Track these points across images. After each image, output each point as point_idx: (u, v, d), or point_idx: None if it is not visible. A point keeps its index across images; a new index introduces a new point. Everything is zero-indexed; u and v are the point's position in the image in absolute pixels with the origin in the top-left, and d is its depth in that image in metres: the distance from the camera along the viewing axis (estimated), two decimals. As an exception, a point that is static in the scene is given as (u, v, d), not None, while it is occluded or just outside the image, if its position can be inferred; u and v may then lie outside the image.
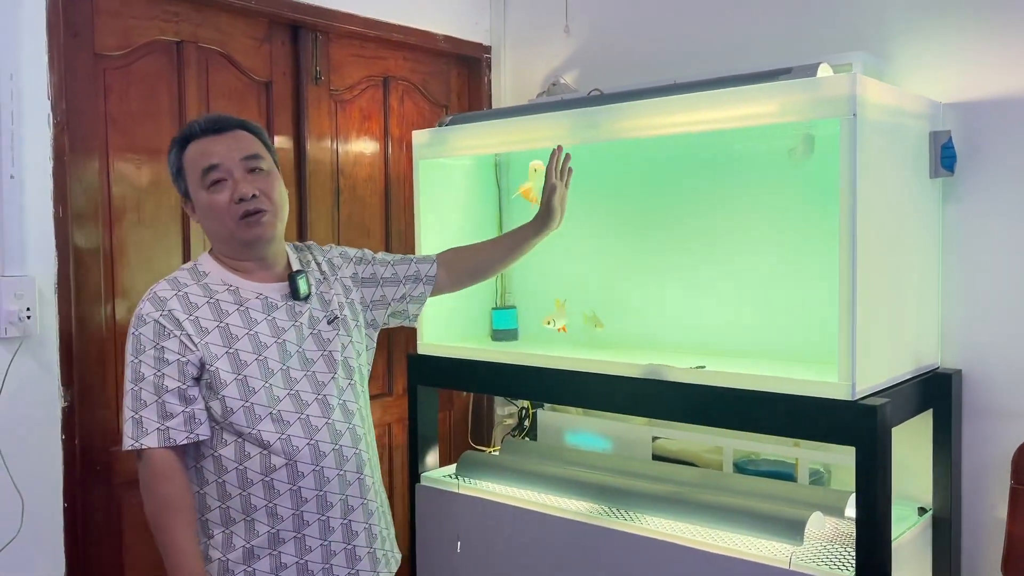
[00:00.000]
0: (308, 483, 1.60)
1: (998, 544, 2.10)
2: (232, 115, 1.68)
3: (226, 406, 1.57)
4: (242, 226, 1.60)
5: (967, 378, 2.18)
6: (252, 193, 1.59)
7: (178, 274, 1.65)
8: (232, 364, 1.57)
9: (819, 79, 1.83)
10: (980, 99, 2.13)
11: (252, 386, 1.58)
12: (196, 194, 1.62)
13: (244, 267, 1.66)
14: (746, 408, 1.94)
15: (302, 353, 1.66)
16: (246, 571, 1.60)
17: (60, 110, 2.07)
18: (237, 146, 1.61)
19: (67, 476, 2.10)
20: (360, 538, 1.68)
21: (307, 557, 1.61)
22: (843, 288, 1.79)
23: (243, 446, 1.58)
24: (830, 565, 1.86)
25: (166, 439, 1.54)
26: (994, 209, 2.13)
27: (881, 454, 1.76)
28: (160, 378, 1.54)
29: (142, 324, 1.56)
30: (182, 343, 1.55)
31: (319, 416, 1.63)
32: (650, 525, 2.12)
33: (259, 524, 1.59)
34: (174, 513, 1.55)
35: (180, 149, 1.64)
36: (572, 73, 2.89)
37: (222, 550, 1.60)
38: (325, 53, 2.68)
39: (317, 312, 1.70)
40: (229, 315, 1.60)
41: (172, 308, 1.57)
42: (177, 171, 1.65)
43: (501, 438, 2.95)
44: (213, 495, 1.61)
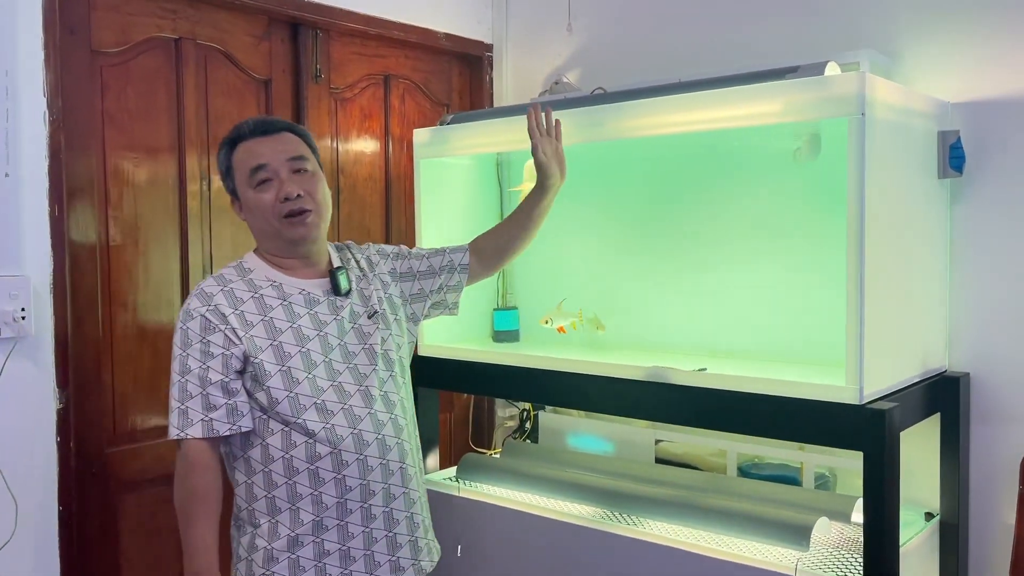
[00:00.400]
0: (352, 471, 1.65)
1: (1006, 550, 2.07)
2: (280, 118, 1.77)
3: (271, 396, 1.62)
4: (286, 225, 1.67)
5: (975, 381, 2.15)
6: (297, 193, 1.66)
7: (224, 271, 1.71)
8: (276, 356, 1.63)
9: (827, 78, 1.80)
10: (989, 99, 2.10)
11: (296, 377, 1.63)
12: (243, 193, 1.69)
13: (288, 264, 1.72)
14: (751, 412, 1.91)
15: (344, 346, 1.71)
16: (290, 558, 1.64)
17: (56, 107, 2.04)
18: (283, 147, 1.68)
19: (62, 479, 2.07)
20: (401, 526, 1.72)
21: (349, 544, 1.66)
22: (851, 290, 1.76)
23: (289, 435, 1.63)
24: (836, 571, 1.83)
25: (210, 430, 1.59)
26: (1003, 211, 2.10)
27: (889, 459, 1.73)
28: (205, 371, 1.60)
29: (189, 319, 1.63)
30: (227, 337, 1.61)
31: (362, 406, 1.68)
32: (653, 530, 2.09)
33: (304, 512, 1.64)
34: (200, 505, 1.60)
35: (229, 149, 1.71)
36: (574, 72, 2.86)
37: (268, 539, 1.64)
38: (325, 51, 2.66)
39: (357, 307, 1.75)
40: (273, 309, 1.66)
41: (218, 303, 1.63)
42: (226, 170, 1.72)
43: (502, 440, 2.92)
44: (260, 485, 1.65)
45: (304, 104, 2.61)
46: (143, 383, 2.28)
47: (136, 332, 2.27)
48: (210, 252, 2.40)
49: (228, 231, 2.44)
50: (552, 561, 2.21)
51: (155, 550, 2.31)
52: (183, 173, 2.34)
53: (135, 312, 2.26)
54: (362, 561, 1.68)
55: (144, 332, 2.28)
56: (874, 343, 1.79)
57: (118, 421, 2.23)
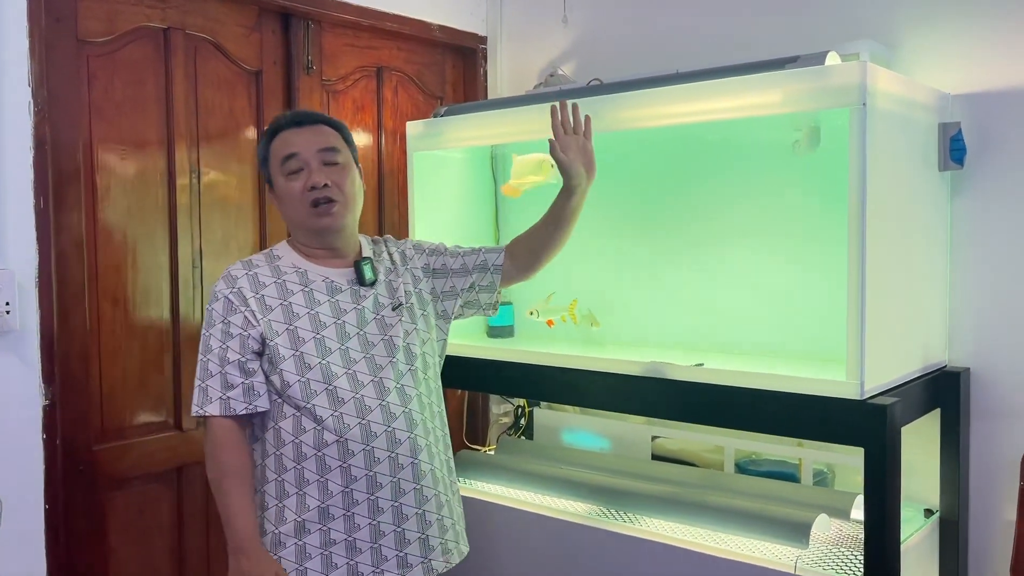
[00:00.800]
0: (358, 461, 1.65)
1: (1007, 547, 2.04)
2: (318, 112, 1.81)
3: (284, 379, 1.64)
4: (313, 214, 1.70)
5: (975, 376, 2.13)
6: (324, 183, 1.68)
7: (253, 256, 1.76)
8: (290, 340, 1.66)
9: (828, 68, 1.77)
10: (990, 90, 2.08)
11: (308, 362, 1.65)
12: (276, 180, 1.73)
13: (316, 254, 1.75)
14: (751, 408, 1.89)
15: (363, 336, 1.71)
16: (296, 544, 1.64)
17: (41, 98, 2.00)
18: (316, 139, 1.72)
19: (48, 476, 2.03)
20: (410, 522, 1.69)
21: (355, 535, 1.65)
22: (852, 284, 1.73)
23: (300, 420, 1.65)
24: (836, 569, 1.81)
25: (227, 408, 1.63)
26: (1004, 203, 2.08)
27: (891, 455, 1.71)
28: (224, 351, 1.65)
29: (215, 300, 1.69)
30: (246, 318, 1.65)
31: (373, 397, 1.67)
32: (652, 527, 2.06)
33: (310, 498, 1.65)
34: (233, 479, 1.64)
35: (268, 140, 1.75)
36: (570, 64, 2.82)
37: (275, 523, 1.66)
38: (317, 42, 2.62)
39: (383, 298, 1.76)
40: (293, 295, 1.69)
41: (241, 286, 1.68)
42: (263, 159, 1.76)
43: (496, 437, 2.89)
44: (271, 467, 1.68)
45: (296, 96, 2.57)
46: (131, 379, 2.24)
47: (124, 327, 2.22)
48: (200, 246, 2.36)
49: (218, 225, 2.40)
50: (550, 559, 2.19)
51: (143, 548, 2.27)
52: (172, 166, 2.30)
53: (123, 307, 2.22)
54: (368, 553, 1.66)
55: (132, 327, 2.24)
56: (875, 337, 1.76)
57: (105, 418, 2.19)
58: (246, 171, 2.47)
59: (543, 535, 2.20)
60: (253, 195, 2.49)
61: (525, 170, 2.33)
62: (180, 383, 2.33)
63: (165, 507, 2.32)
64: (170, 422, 2.33)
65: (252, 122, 2.49)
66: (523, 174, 2.34)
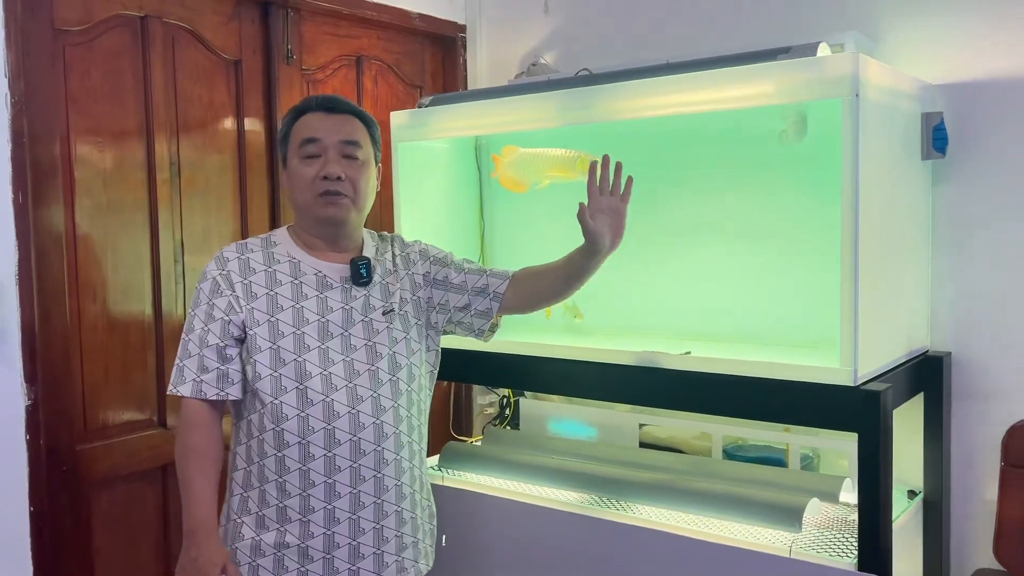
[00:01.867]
0: (317, 466, 1.60)
1: (989, 526, 2.10)
2: (352, 102, 1.72)
3: (256, 372, 1.61)
4: (319, 202, 1.64)
5: (956, 360, 2.18)
6: (338, 175, 1.64)
7: (250, 240, 1.71)
8: (270, 332, 1.61)
9: (820, 59, 1.78)
10: (971, 80, 2.12)
11: (283, 358, 1.61)
12: (290, 161, 1.68)
13: (314, 244, 1.70)
14: (744, 395, 1.91)
15: (346, 337, 1.66)
16: (254, 540, 1.63)
17: (19, 89, 1.94)
18: (342, 129, 1.66)
19: (33, 478, 1.98)
20: (367, 536, 1.65)
21: (309, 542, 1.62)
22: (845, 272, 1.76)
23: (263, 417, 1.61)
24: (830, 552, 1.84)
25: (198, 391, 1.60)
26: (984, 191, 2.12)
27: (884, 440, 1.74)
28: (205, 333, 1.61)
29: (203, 280, 1.65)
30: (230, 303, 1.61)
31: (343, 404, 1.62)
32: (644, 515, 2.08)
33: (269, 495, 1.62)
34: (196, 461, 1.59)
35: (293, 119, 1.69)
36: (552, 53, 2.82)
37: (238, 512, 1.65)
38: (297, 31, 2.57)
39: (374, 300, 1.70)
40: (281, 285, 1.64)
41: (231, 269, 1.64)
42: (283, 136, 1.71)
43: (482, 428, 2.89)
44: (242, 456, 1.66)
45: (275, 85, 2.52)
46: (114, 377, 2.19)
47: (105, 324, 2.18)
48: (181, 240, 2.32)
49: (199, 218, 2.36)
50: (542, 548, 2.19)
51: (128, 548, 2.23)
52: (152, 158, 2.25)
53: (104, 303, 2.17)
54: (320, 563, 1.62)
55: (114, 323, 2.19)
56: (866, 324, 1.79)
57: (88, 417, 2.14)
58: (226, 162, 2.43)
59: (534, 524, 2.21)
60: (234, 187, 2.45)
61: (551, 165, 2.22)
62: (163, 380, 2.29)
63: (150, 506, 2.28)
64: (154, 420, 2.29)
65: (232, 112, 2.45)
66: (545, 169, 2.24)
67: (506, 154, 2.35)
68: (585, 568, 2.12)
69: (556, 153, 2.26)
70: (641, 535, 2.03)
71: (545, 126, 2.21)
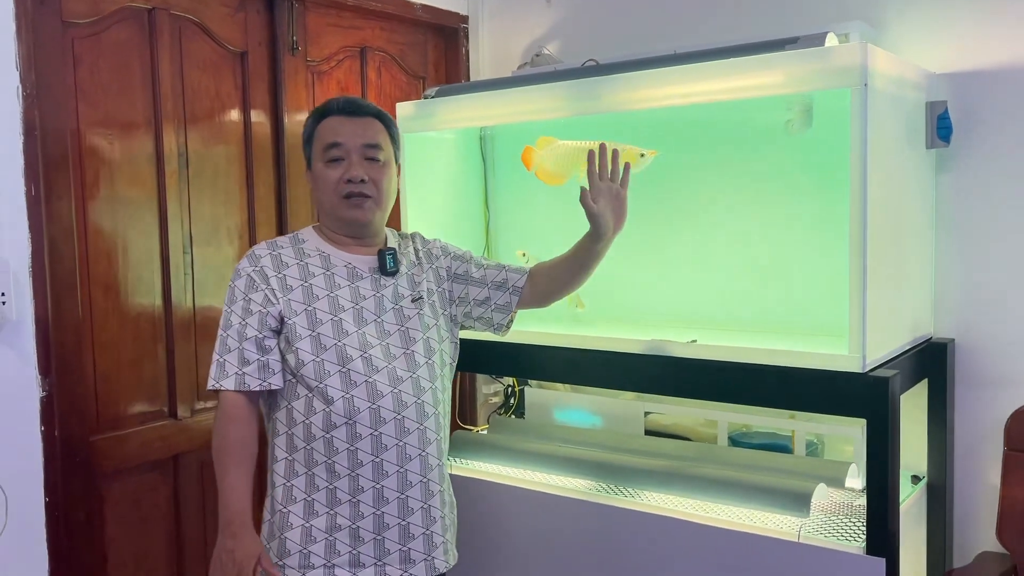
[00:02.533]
0: (364, 446, 1.65)
1: (991, 510, 2.13)
2: (373, 104, 1.77)
3: (299, 358, 1.65)
4: (344, 204, 1.71)
5: (960, 347, 2.21)
6: (361, 178, 1.70)
7: (278, 238, 1.78)
8: (308, 320, 1.66)
9: (829, 48, 1.80)
10: (974, 69, 2.14)
11: (324, 343, 1.65)
12: (315, 164, 1.74)
13: (341, 240, 1.76)
14: (752, 382, 1.93)
15: (380, 323, 1.71)
16: (304, 527, 1.65)
17: (30, 82, 1.94)
18: (363, 132, 1.72)
19: (48, 468, 2.00)
20: (416, 516, 1.69)
21: (359, 523, 1.66)
22: (853, 259, 1.78)
23: (311, 400, 1.65)
24: (838, 536, 1.87)
25: (241, 383, 1.64)
26: (987, 180, 2.15)
27: (892, 426, 1.77)
28: (243, 327, 1.66)
29: (238, 277, 1.70)
30: (266, 296, 1.67)
31: (386, 384, 1.67)
32: (652, 501, 2.10)
33: (319, 479, 1.66)
34: (235, 455, 1.63)
35: (316, 121, 1.75)
36: (555, 43, 2.83)
37: (283, 502, 1.68)
38: (302, 22, 2.58)
39: (403, 289, 1.76)
40: (314, 276, 1.70)
41: (264, 265, 1.70)
42: (307, 139, 1.76)
43: (487, 417, 2.91)
44: (282, 447, 1.69)
45: (281, 77, 2.53)
46: (126, 367, 2.21)
47: (116, 315, 2.19)
48: (190, 231, 2.33)
49: (207, 209, 2.37)
50: (548, 535, 2.22)
51: (142, 538, 2.25)
52: (160, 150, 2.26)
53: (115, 295, 2.18)
54: (372, 544, 1.66)
55: (125, 315, 2.20)
56: (873, 311, 1.81)
57: (101, 408, 2.16)
58: (233, 154, 2.44)
59: (541, 511, 2.23)
60: (241, 179, 2.46)
61: (543, 146, 2.21)
62: (174, 372, 2.30)
63: (162, 496, 2.30)
64: (165, 411, 2.30)
65: (238, 104, 2.45)
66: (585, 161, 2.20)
67: (542, 146, 2.25)
68: (592, 554, 2.15)
69: (597, 145, 2.20)
70: (648, 521, 2.06)
71: (552, 116, 2.23)
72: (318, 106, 1.78)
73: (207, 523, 2.38)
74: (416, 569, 1.69)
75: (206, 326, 2.36)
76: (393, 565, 1.67)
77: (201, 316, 2.36)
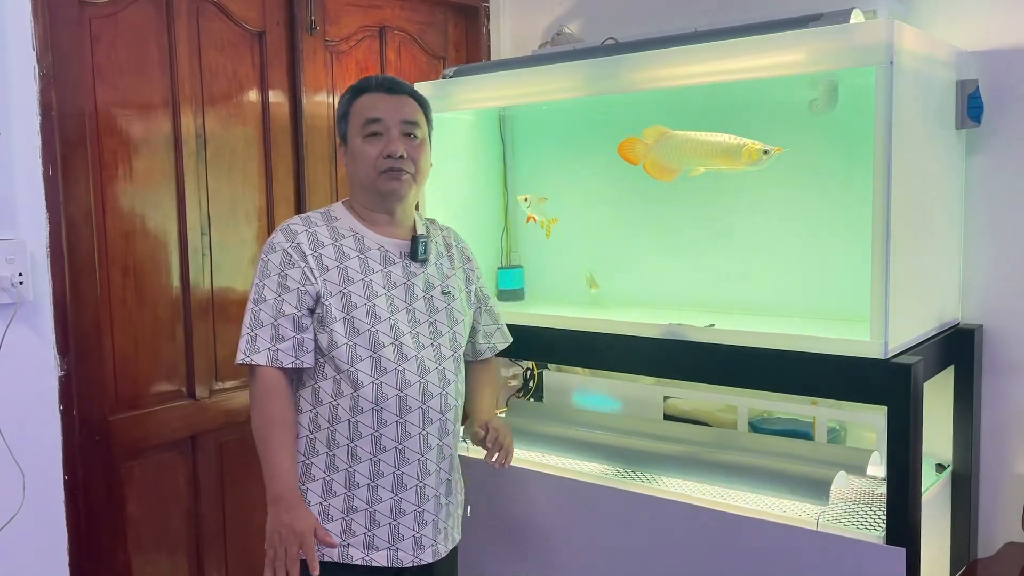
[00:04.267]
0: (389, 432, 1.66)
1: (1018, 500, 2.09)
2: (407, 83, 1.79)
3: (332, 340, 1.65)
4: (382, 178, 1.71)
5: (988, 334, 2.15)
6: (400, 153, 1.70)
7: (311, 214, 1.76)
8: (343, 303, 1.66)
9: (854, 25, 1.75)
10: (1007, 47, 2.07)
11: (357, 327, 1.66)
12: (352, 140, 1.73)
13: (374, 219, 1.75)
14: (773, 368, 1.90)
15: (411, 311, 1.72)
16: (321, 505, 1.66)
17: (47, 62, 1.94)
18: (401, 109, 1.73)
19: (66, 448, 2.01)
20: (430, 504, 1.72)
21: (376, 507, 1.67)
22: (876, 245, 1.73)
23: (339, 383, 1.66)
24: (857, 525, 1.83)
25: (274, 359, 1.64)
26: (1020, 162, 2.08)
27: (915, 413, 1.73)
28: (280, 303, 1.65)
29: (272, 251, 1.68)
30: (304, 274, 1.66)
31: (414, 373, 1.68)
32: (670, 487, 2.08)
33: (339, 460, 1.66)
34: (278, 428, 1.64)
35: (352, 98, 1.75)
36: (576, 22, 2.78)
37: (302, 478, 1.68)
38: (320, 2, 2.56)
39: (433, 279, 1.78)
40: (350, 259, 1.70)
41: (300, 241, 1.68)
42: (343, 115, 1.76)
43: (506, 399, 2.90)
44: (304, 424, 1.69)
45: (299, 57, 2.51)
46: (143, 348, 2.22)
47: (135, 296, 2.20)
48: (208, 212, 2.33)
49: (225, 190, 2.37)
50: (566, 519, 2.21)
51: (160, 517, 2.27)
52: (178, 130, 2.25)
53: (133, 276, 2.19)
54: (387, 528, 1.67)
55: (143, 296, 2.21)
56: (896, 297, 1.77)
57: (119, 388, 2.17)
58: (251, 135, 2.43)
59: (559, 495, 2.22)
60: (259, 160, 2.45)
61: (709, 152, 2.05)
62: (192, 352, 2.31)
63: (181, 475, 2.31)
64: (183, 391, 2.31)
65: (256, 85, 2.44)
66: (702, 156, 2.05)
67: (651, 136, 2.14)
68: (610, 539, 2.13)
69: (716, 139, 2.04)
70: (667, 507, 2.04)
71: (571, 96, 2.20)
72: (354, 83, 1.78)
73: (225, 503, 2.40)
74: (424, 555, 1.71)
75: (224, 307, 2.36)
76: (405, 550, 1.69)
77: (219, 297, 2.36)
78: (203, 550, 2.37)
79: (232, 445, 2.39)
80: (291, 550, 1.59)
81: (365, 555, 1.66)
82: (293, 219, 1.73)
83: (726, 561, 1.95)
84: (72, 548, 2.03)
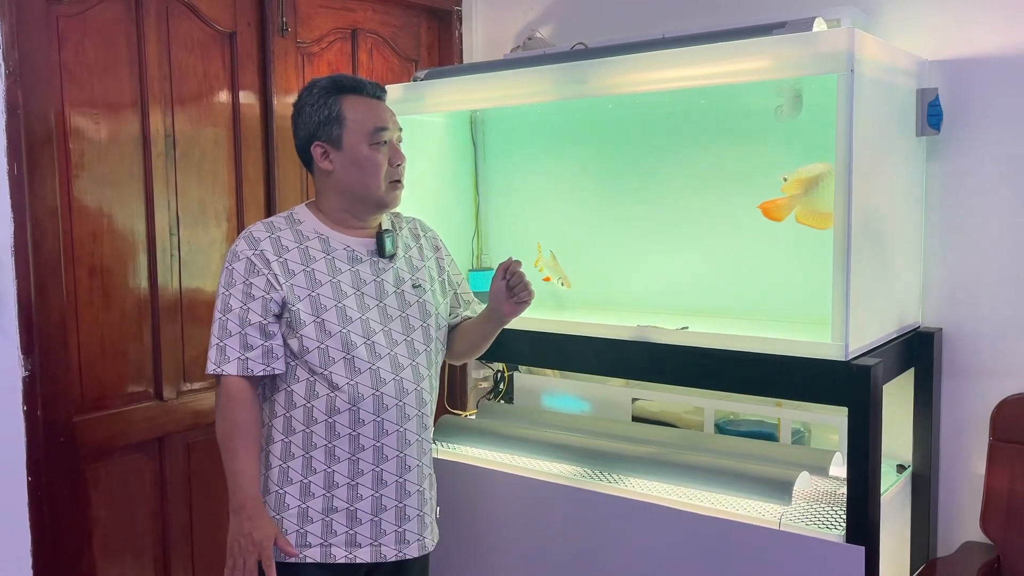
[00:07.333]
0: (367, 431, 1.66)
1: (976, 500, 2.13)
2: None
3: (303, 345, 1.65)
4: (389, 189, 1.72)
5: (947, 337, 2.19)
6: (398, 163, 1.72)
7: (274, 219, 1.74)
8: (312, 307, 1.66)
9: (816, 34, 1.78)
10: (967, 57, 2.12)
11: (328, 330, 1.65)
12: (355, 146, 1.68)
13: (344, 221, 1.73)
14: (738, 370, 1.93)
15: (382, 308, 1.72)
16: (300, 507, 1.67)
17: (13, 59, 1.93)
18: (394, 116, 1.74)
19: (30, 448, 1.99)
20: (412, 499, 1.73)
21: (357, 505, 1.67)
22: (837, 248, 1.77)
23: (314, 385, 1.66)
24: (819, 524, 1.86)
25: (245, 368, 1.64)
26: (978, 168, 2.13)
27: (874, 414, 1.76)
28: (245, 312, 1.64)
29: (236, 260, 1.67)
30: (268, 281, 1.65)
31: (389, 371, 1.69)
32: (636, 487, 2.10)
33: (316, 462, 1.67)
34: (242, 438, 1.64)
35: (338, 96, 1.68)
36: (548, 27, 2.80)
37: (279, 483, 1.68)
38: (291, 3, 2.56)
39: (403, 273, 1.77)
40: (316, 261, 1.69)
41: (264, 248, 1.67)
42: (335, 117, 1.68)
43: (476, 402, 2.91)
44: (279, 428, 1.69)
45: (270, 59, 2.51)
46: (110, 349, 2.20)
47: (101, 296, 2.18)
48: (176, 212, 2.32)
49: (194, 191, 2.36)
50: (535, 520, 2.22)
51: (127, 519, 2.25)
52: (147, 130, 2.24)
53: (100, 276, 2.18)
54: (368, 525, 1.68)
55: (110, 296, 2.20)
56: (857, 300, 1.80)
57: (85, 389, 2.15)
58: (221, 136, 2.42)
59: (528, 497, 2.23)
60: (229, 161, 2.45)
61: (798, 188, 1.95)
62: (159, 353, 2.30)
63: (147, 477, 2.30)
64: (150, 392, 2.30)
65: (226, 86, 2.44)
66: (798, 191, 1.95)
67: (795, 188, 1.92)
68: (578, 540, 2.15)
69: (801, 175, 1.93)
70: (633, 507, 2.06)
71: (542, 99, 2.22)
72: (332, 82, 1.70)
73: (192, 504, 2.39)
74: (410, 549, 1.72)
75: (193, 308, 2.36)
76: (389, 546, 1.70)
77: (188, 298, 2.35)
78: (170, 552, 2.35)
79: (200, 446, 2.38)
80: (249, 560, 1.59)
81: (348, 553, 1.67)
82: (256, 225, 1.72)
83: (691, 560, 1.97)
84: (36, 551, 2.01)
